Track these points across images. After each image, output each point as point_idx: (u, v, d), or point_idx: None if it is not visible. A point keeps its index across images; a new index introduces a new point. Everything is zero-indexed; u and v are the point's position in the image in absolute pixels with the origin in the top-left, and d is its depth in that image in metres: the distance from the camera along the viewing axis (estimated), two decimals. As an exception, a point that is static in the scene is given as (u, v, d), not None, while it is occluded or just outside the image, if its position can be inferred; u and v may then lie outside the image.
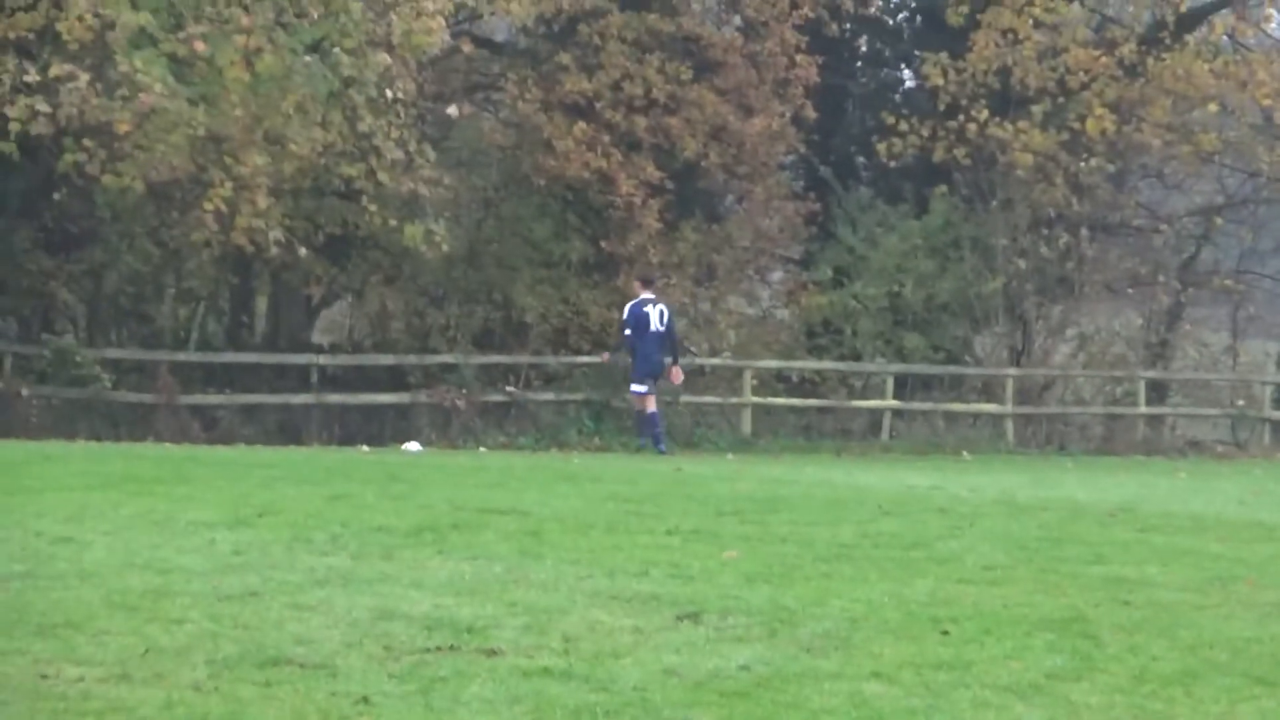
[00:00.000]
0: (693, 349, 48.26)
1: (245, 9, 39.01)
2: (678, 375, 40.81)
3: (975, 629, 14.34)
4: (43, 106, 37.16)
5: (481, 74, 50.96)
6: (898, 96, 53.68)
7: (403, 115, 41.93)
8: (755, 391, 47.38)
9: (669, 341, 40.19)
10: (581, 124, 46.24)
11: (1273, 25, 56.73)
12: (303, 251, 43.74)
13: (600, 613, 14.54)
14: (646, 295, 40.21)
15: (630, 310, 40.09)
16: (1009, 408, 49.18)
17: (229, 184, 39.61)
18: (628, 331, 39.92)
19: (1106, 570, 18.16)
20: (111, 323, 47.86)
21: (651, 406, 40.28)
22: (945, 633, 14.13)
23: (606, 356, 42.19)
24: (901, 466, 38.50)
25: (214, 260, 45.66)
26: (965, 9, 49.71)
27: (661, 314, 39.83)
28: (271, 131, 39.58)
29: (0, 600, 14.08)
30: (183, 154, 38.67)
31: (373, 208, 42.54)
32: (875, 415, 48.29)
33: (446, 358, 45.71)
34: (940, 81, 50.16)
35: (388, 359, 46.50)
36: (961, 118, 49.75)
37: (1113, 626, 14.63)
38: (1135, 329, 54.22)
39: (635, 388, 40.15)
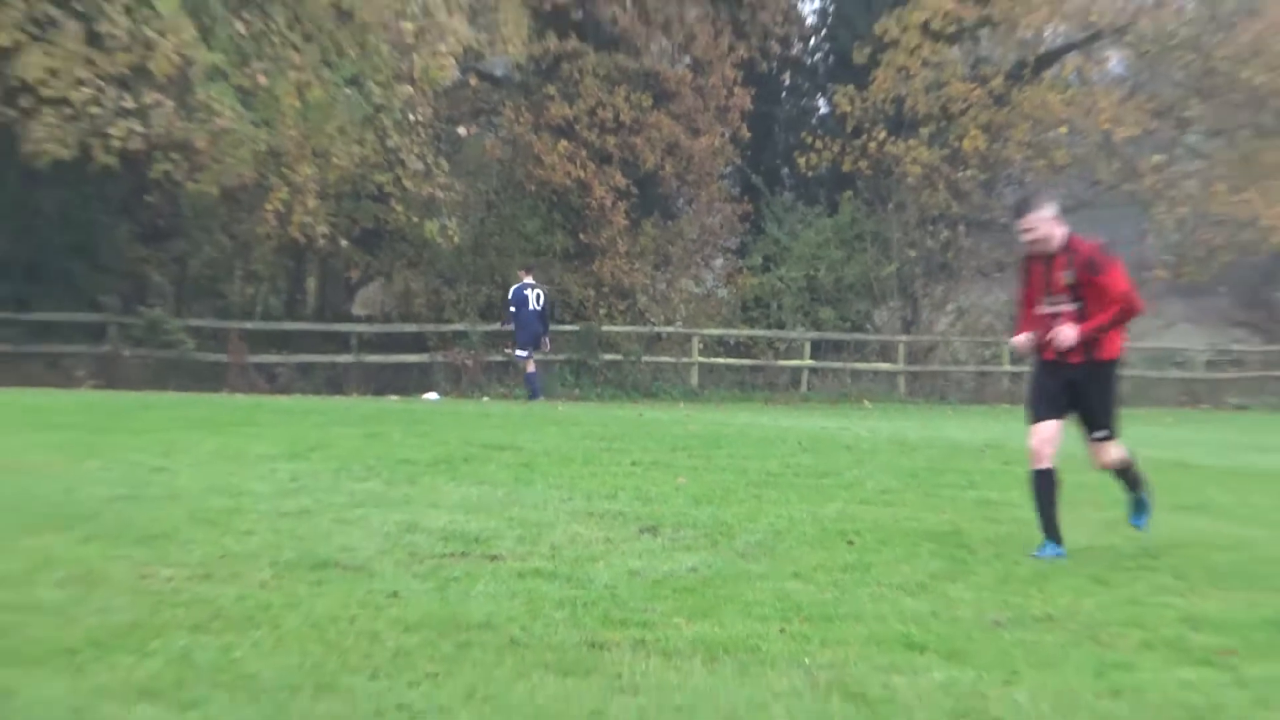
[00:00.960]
0: (652, 320, 48.29)
1: (297, 50, 38.99)
2: (547, 344, 40.64)
3: (874, 540, 14.40)
4: (138, 127, 37.12)
5: (484, 102, 50.87)
6: (814, 120, 53.63)
7: (422, 135, 41.95)
8: (701, 353, 47.45)
9: (544, 317, 40.05)
10: (564, 142, 46.26)
11: (1110, 64, 56.83)
12: (343, 242, 43.86)
13: (579, 527, 14.58)
14: (527, 280, 40.13)
15: (514, 291, 39.98)
16: (901, 366, 49.27)
17: (285, 189, 39.65)
18: (512, 309, 39.86)
19: (978, 494, 18.25)
20: (193, 298, 47.87)
21: (531, 368, 40.27)
22: (850, 543, 14.18)
23: (503, 324, 41.83)
24: (816, 413, 38.56)
25: (274, 249, 45.73)
26: (868, 50, 49.70)
27: (538, 296, 39.68)
28: (318, 148, 39.60)
29: (109, 516, 14.10)
30: (248, 166, 38.70)
31: (399, 208, 42.63)
32: (796, 372, 48.34)
33: (458, 326, 45.75)
34: (848, 108, 50.23)
35: (411, 327, 46.43)
36: (864, 137, 49.82)
37: (982, 539, 14.71)
38: (1001, 304, 54.25)
39: (519, 353, 40.05)
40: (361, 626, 10.34)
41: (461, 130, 47.66)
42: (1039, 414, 13.47)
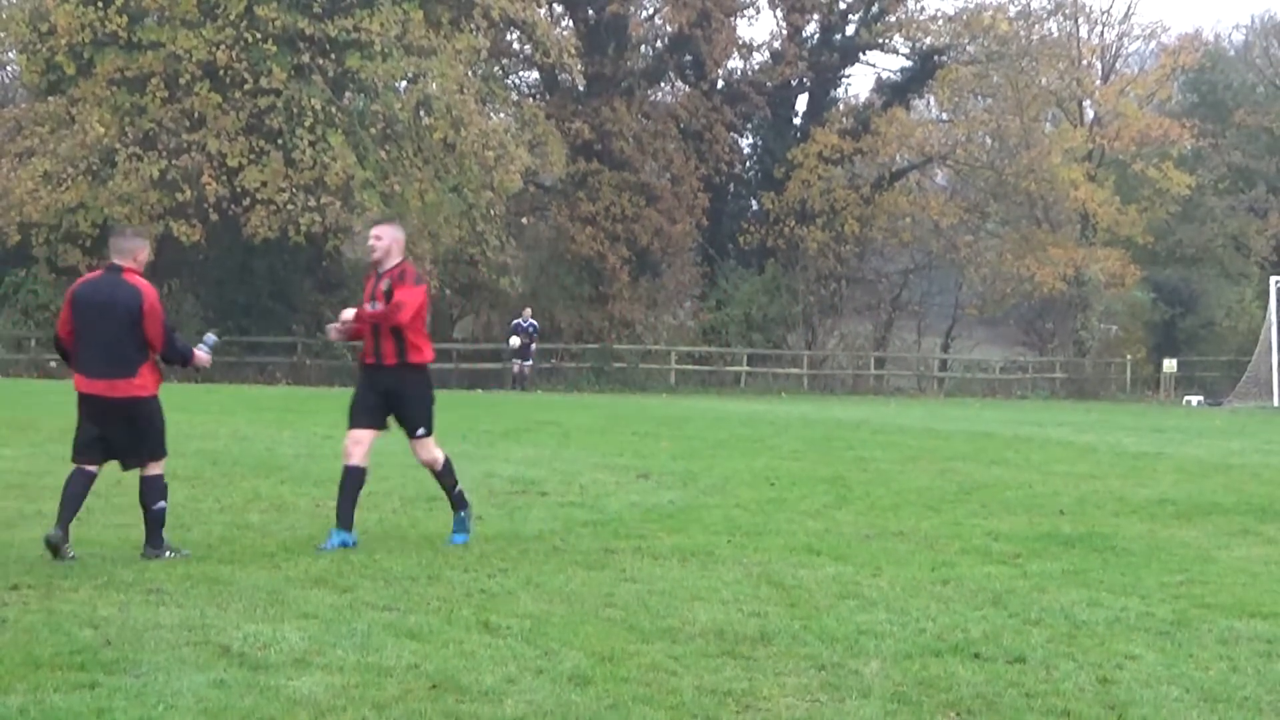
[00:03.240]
0: (645, 341, 48.28)
1: (419, 169, 39.05)
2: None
3: (788, 482, 14.35)
4: (317, 218, 37.17)
5: (539, 202, 50.87)
6: (749, 214, 53.56)
7: (498, 223, 41.94)
8: (676, 363, 47.39)
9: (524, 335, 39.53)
10: (589, 228, 46.25)
11: (938, 178, 57.00)
12: (448, 291, 43.75)
13: (598, 474, 14.54)
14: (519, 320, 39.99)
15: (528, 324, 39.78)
16: (804, 370, 49.21)
17: (410, 258, 39.59)
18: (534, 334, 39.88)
19: (854, 453, 18.20)
20: (351, 327, 47.85)
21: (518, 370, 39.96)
22: (772, 484, 14.13)
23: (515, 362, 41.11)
24: (751, 402, 38.54)
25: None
26: (783, 170, 49.77)
27: (529, 326, 39.60)
28: (432, 231, 39.59)
29: (296, 467, 14.06)
30: (387, 242, 38.70)
31: (484, 269, 42.55)
32: (737, 375, 48.23)
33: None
34: (770, 206, 50.25)
35: (490, 346, 46.39)
36: (781, 225, 49.85)
37: (857, 482, 14.65)
38: (869, 331, 54.34)
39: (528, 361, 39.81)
40: (457, 538, 10.27)
41: (524, 220, 47.76)
42: (355, 421, 10.52)
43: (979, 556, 10.09)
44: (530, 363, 40.13)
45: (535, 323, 40.55)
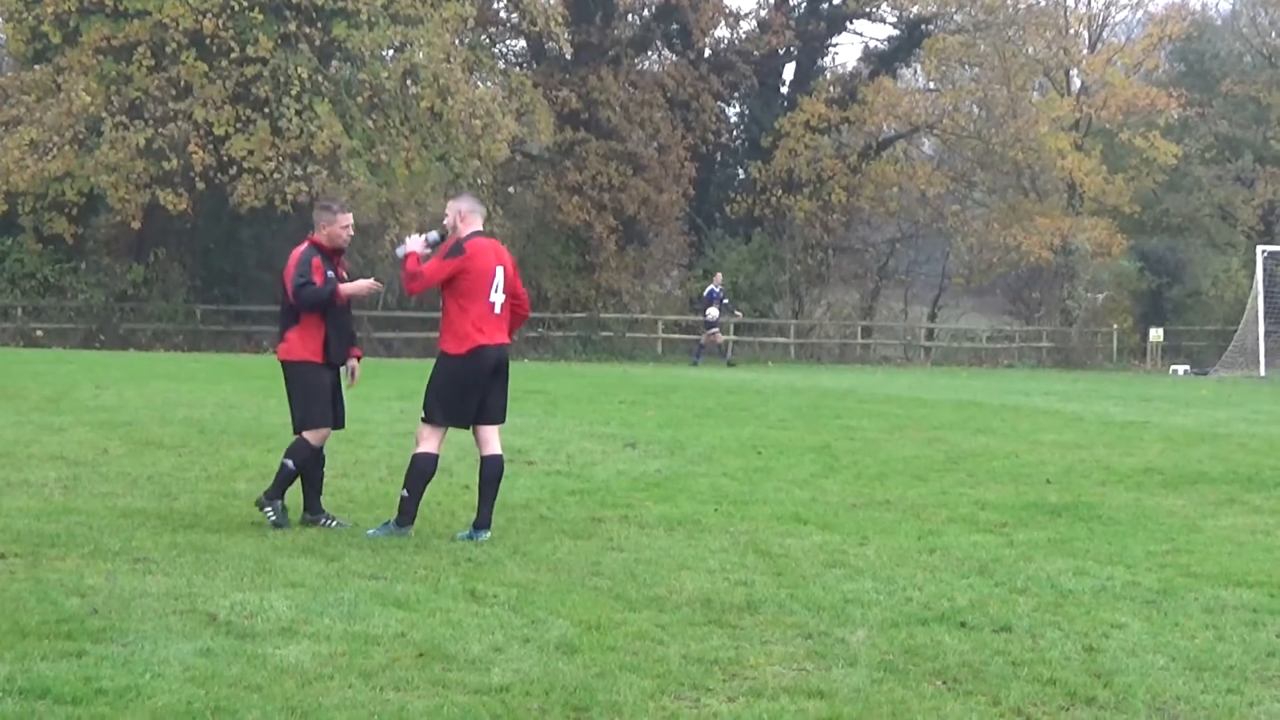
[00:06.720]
0: (632, 310, 48.20)
1: (405, 138, 38.89)
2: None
3: (775, 452, 14.34)
4: (304, 187, 36.97)
5: (525, 171, 50.66)
6: (736, 183, 53.33)
7: (485, 191, 41.74)
8: (664, 331, 47.31)
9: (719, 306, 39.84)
10: (576, 197, 46.08)
11: (925, 148, 56.90)
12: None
13: (585, 443, 14.52)
14: (713, 286, 40.19)
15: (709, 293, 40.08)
16: (791, 340, 49.14)
17: (397, 227, 39.47)
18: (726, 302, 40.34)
19: (841, 421, 18.18)
20: (338, 296, 47.66)
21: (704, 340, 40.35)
22: (759, 453, 14.12)
23: (716, 332, 40.96)
24: (739, 371, 38.48)
25: (391, 264, 45.52)
26: (770, 139, 49.60)
27: (712, 293, 39.77)
28: (419, 200, 39.45)
29: (282, 435, 13.87)
30: (374, 212, 38.56)
31: (471, 238, 42.36)
32: (724, 344, 48.19)
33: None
34: (757, 175, 50.11)
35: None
36: (768, 194, 49.73)
37: (844, 450, 14.63)
38: (856, 300, 54.24)
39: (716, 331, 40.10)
40: (444, 508, 10.29)
41: (511, 189, 47.57)
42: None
43: (965, 525, 10.10)
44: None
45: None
